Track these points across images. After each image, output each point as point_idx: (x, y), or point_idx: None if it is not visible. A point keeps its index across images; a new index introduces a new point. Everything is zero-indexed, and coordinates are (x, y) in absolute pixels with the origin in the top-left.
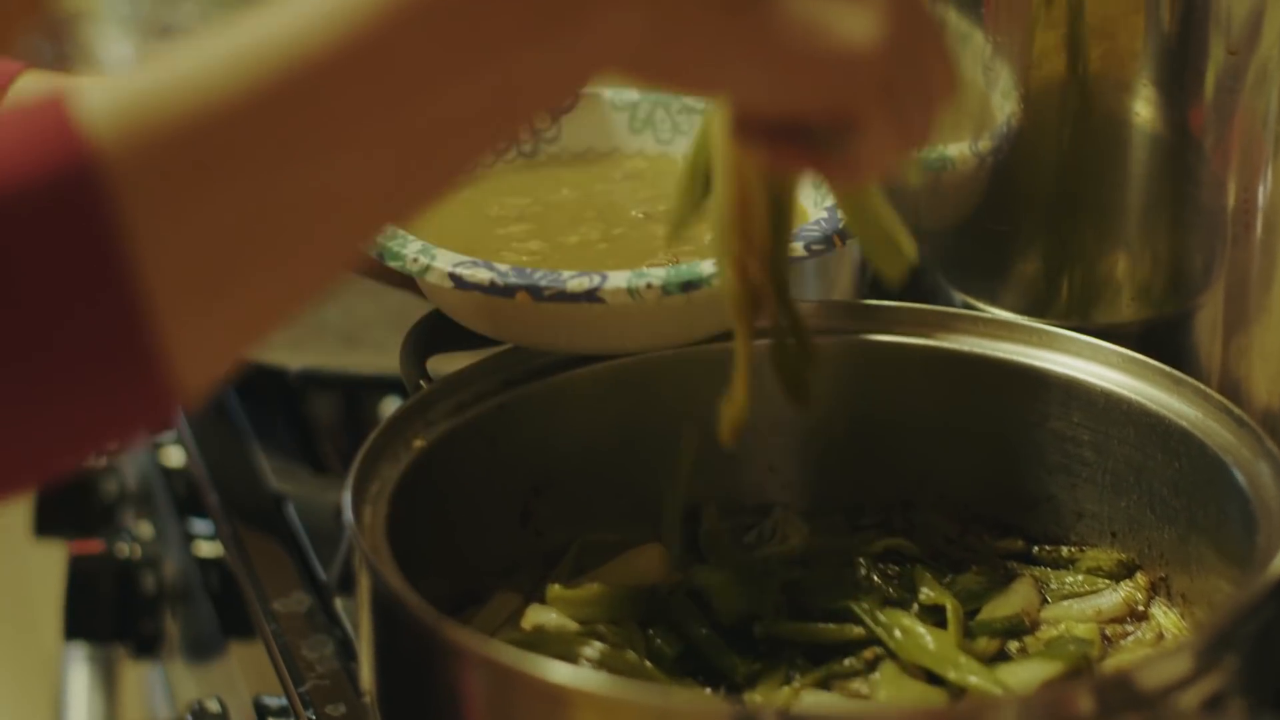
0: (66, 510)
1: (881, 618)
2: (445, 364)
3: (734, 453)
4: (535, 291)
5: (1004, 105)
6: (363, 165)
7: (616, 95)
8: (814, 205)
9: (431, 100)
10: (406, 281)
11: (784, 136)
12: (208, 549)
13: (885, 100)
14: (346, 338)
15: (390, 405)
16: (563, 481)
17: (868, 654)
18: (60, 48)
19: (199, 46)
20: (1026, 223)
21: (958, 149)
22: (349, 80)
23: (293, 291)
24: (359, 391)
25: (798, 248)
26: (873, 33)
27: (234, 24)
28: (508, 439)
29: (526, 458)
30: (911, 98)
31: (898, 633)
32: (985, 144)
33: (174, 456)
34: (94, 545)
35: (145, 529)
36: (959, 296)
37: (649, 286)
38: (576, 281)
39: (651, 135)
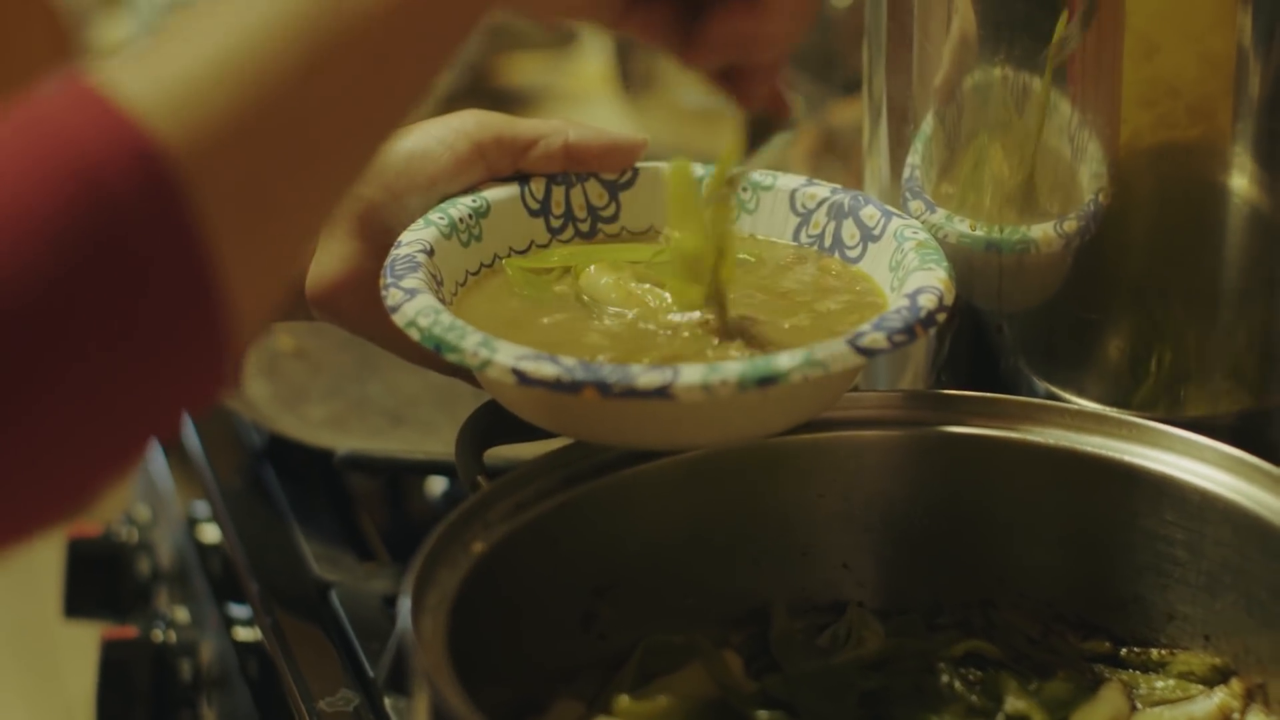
0: (98, 590)
1: None
2: (503, 455)
3: (807, 549)
4: (603, 388)
5: (1092, 183)
6: (360, 80)
7: None
8: (892, 291)
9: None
10: (462, 371)
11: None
12: (245, 634)
13: None
14: (392, 416)
15: (436, 486)
16: (627, 581)
17: None
18: None
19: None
20: (1115, 309)
21: (1041, 230)
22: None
23: (322, 201)
24: (404, 473)
25: (880, 339)
26: None
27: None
28: (570, 538)
29: (589, 558)
30: None
31: None
32: (1071, 224)
33: (209, 533)
34: (128, 631)
35: (180, 613)
36: (1043, 386)
37: (724, 383)
38: (647, 378)
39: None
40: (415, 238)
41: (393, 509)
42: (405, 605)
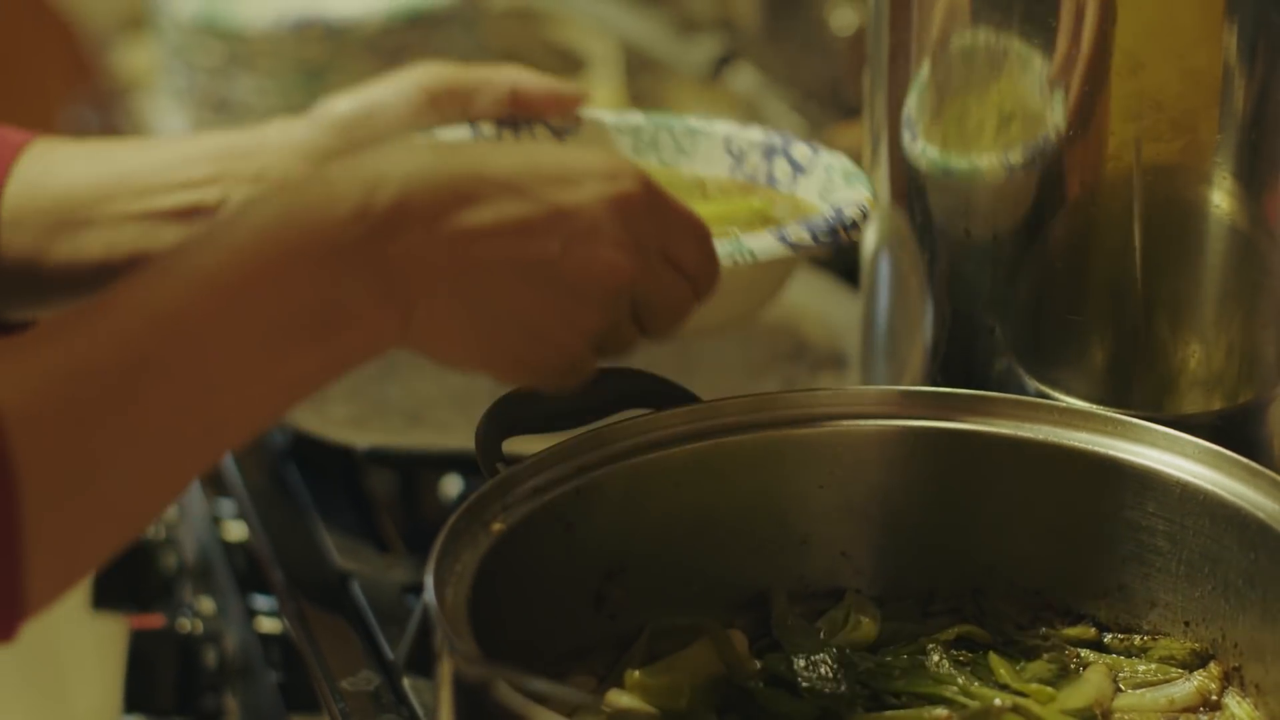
0: (125, 584)
1: (975, 692)
2: (521, 446)
3: (807, 537)
4: None
5: (1079, 191)
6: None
7: (620, 120)
8: (820, 199)
9: (228, 390)
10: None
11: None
12: (269, 625)
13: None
14: (409, 416)
15: (451, 484)
16: (636, 566)
17: None
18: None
19: (80, 327)
20: (1101, 313)
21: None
22: (180, 374)
23: (144, 496)
24: (420, 470)
25: (805, 235)
26: (589, 324)
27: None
28: (584, 523)
29: (601, 542)
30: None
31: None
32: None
33: (234, 531)
34: (154, 620)
35: (205, 604)
36: (1034, 385)
37: None
38: None
39: (655, 156)
40: None
41: (409, 505)
42: (429, 579)
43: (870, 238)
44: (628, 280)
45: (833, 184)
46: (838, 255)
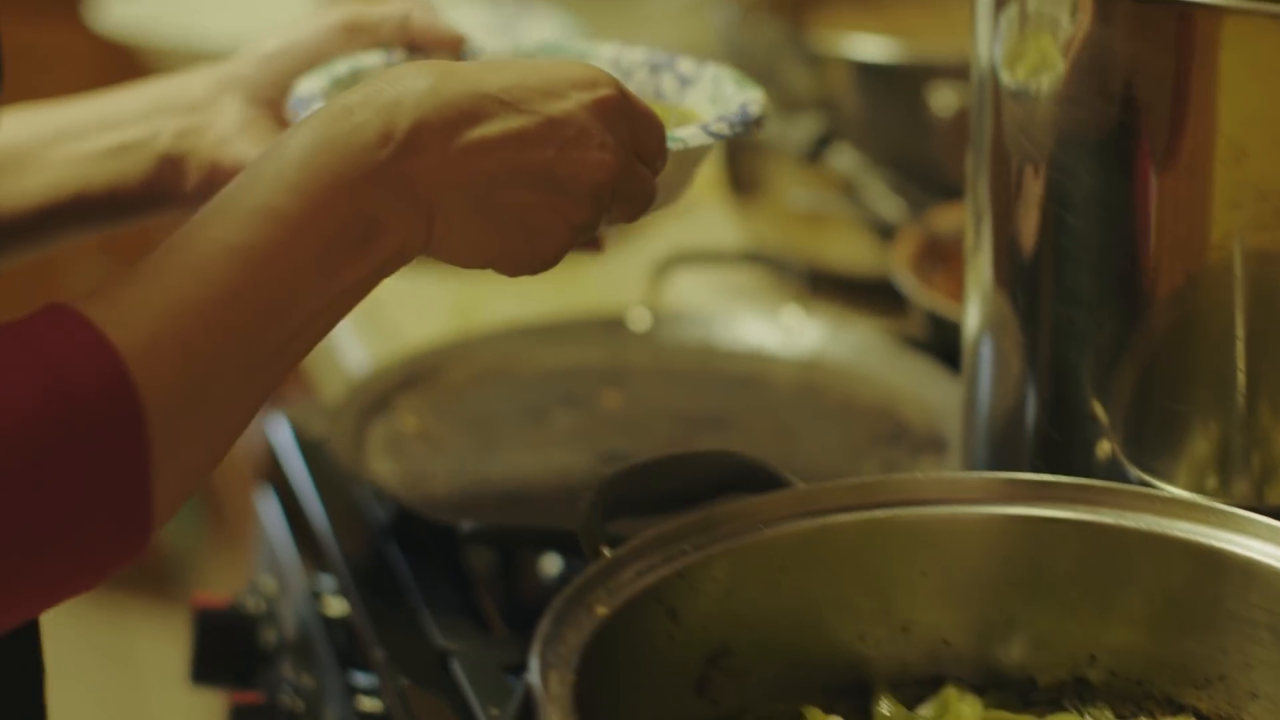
0: (224, 658)
1: None
2: (625, 529)
3: (909, 624)
4: None
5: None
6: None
7: (511, 50)
8: (710, 104)
9: (298, 306)
10: None
11: None
12: (369, 703)
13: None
14: (509, 494)
15: (551, 562)
16: (739, 650)
17: None
18: None
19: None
20: (1204, 402)
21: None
22: (256, 299)
23: (250, 411)
24: (520, 548)
25: (724, 126)
26: (582, 218)
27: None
28: (687, 607)
29: (704, 626)
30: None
31: None
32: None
33: (334, 606)
34: (254, 696)
35: (306, 680)
36: (1136, 474)
37: None
38: None
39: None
40: (308, 85)
41: (509, 583)
42: (533, 661)
43: (972, 321)
44: (611, 176)
45: (723, 91)
46: (935, 338)
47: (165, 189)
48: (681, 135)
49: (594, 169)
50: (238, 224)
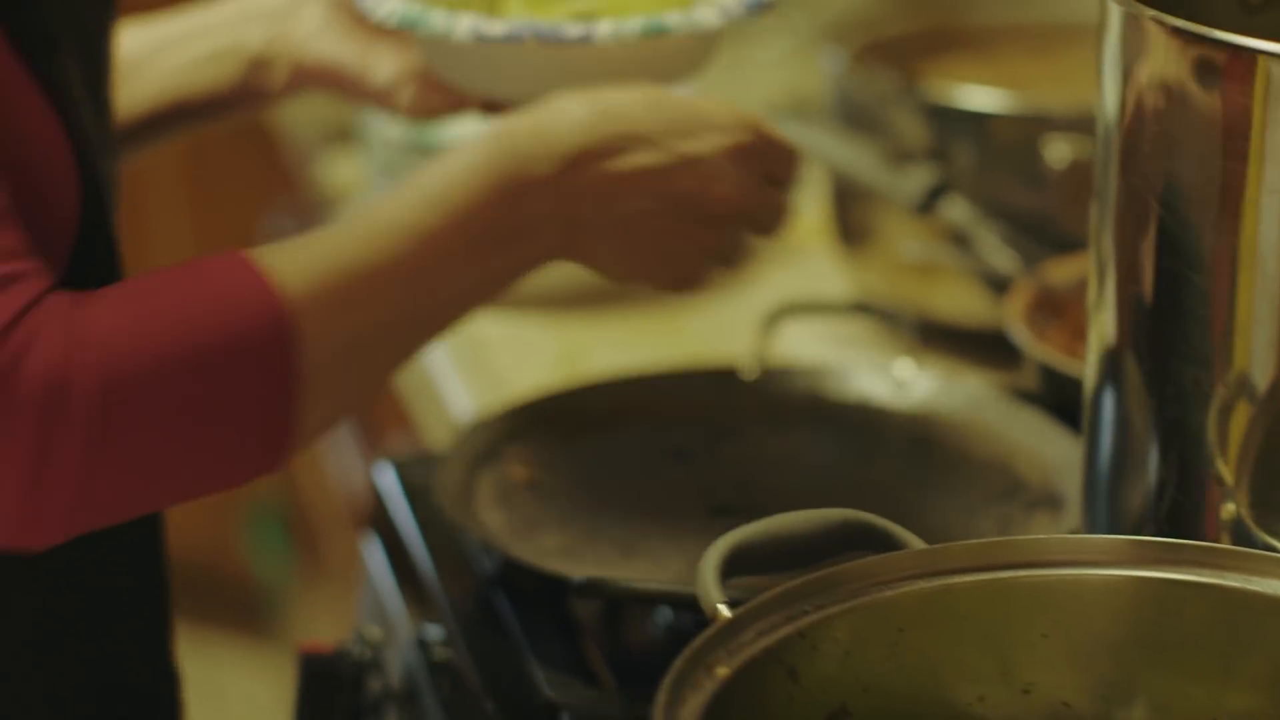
0: (329, 704)
1: None
2: (740, 587)
3: (1030, 686)
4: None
5: None
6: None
7: None
8: None
9: (446, 283)
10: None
11: None
12: None
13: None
14: (623, 547)
15: (661, 615)
16: (859, 711)
17: None
18: (306, 229)
19: (348, 229)
20: None
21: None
22: (413, 271)
23: (400, 361)
24: (635, 602)
25: (740, 9)
26: (710, 241)
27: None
28: (807, 667)
29: (825, 687)
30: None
31: None
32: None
33: (440, 655)
34: None
35: None
36: (1262, 538)
37: (630, 31)
38: (573, 29)
39: None
40: None
41: (617, 636)
42: None
43: (1093, 377)
44: (739, 209)
45: None
46: (1049, 392)
47: (256, 89)
48: (697, 18)
49: (723, 204)
50: (410, 207)
